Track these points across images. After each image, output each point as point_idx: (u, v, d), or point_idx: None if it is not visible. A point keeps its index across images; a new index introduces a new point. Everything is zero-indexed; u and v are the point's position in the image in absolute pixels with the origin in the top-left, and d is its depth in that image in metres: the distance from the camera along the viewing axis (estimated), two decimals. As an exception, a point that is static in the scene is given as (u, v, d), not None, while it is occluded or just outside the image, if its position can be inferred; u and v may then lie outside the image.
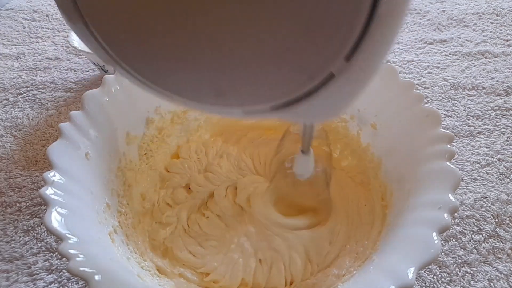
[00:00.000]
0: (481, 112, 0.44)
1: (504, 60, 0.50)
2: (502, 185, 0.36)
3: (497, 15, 0.58)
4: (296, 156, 0.27)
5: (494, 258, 0.31)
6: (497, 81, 0.47)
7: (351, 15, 0.12)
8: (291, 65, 0.13)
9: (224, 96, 0.15)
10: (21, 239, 0.33)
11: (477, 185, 0.36)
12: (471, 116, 0.43)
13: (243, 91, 0.14)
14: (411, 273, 0.20)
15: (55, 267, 0.31)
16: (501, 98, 0.45)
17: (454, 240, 0.32)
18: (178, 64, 0.14)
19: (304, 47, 0.12)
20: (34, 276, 0.31)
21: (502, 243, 0.32)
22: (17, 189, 0.37)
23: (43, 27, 0.62)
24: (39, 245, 0.33)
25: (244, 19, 0.12)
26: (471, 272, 0.31)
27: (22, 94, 0.48)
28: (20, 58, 0.55)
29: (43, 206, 0.36)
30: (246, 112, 0.16)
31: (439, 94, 0.46)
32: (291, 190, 0.32)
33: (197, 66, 0.13)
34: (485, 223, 0.34)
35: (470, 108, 0.44)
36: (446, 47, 0.53)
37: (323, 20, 0.12)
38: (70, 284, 0.30)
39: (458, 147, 0.40)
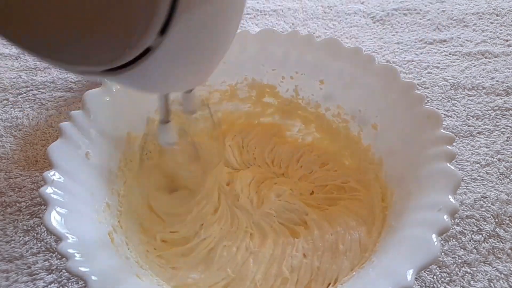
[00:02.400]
0: (481, 112, 0.44)
1: (504, 60, 0.50)
2: (502, 185, 0.36)
3: (497, 15, 0.58)
4: (158, 124, 0.29)
5: (494, 258, 0.31)
6: (497, 81, 0.47)
7: None
8: (112, 34, 0.15)
9: (59, 53, 0.16)
10: (21, 239, 0.33)
11: (477, 185, 0.36)
12: (471, 116, 0.43)
13: (74, 49, 0.16)
14: (410, 275, 0.20)
15: (55, 267, 0.31)
16: (501, 98, 0.45)
17: (454, 240, 0.32)
18: (25, 17, 0.15)
19: (120, 18, 0.14)
20: (34, 276, 0.31)
21: (502, 243, 0.32)
22: (17, 189, 0.37)
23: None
24: (39, 245, 0.33)
25: None
26: (471, 272, 0.31)
27: (22, 94, 0.48)
28: (20, 58, 0.55)
29: (43, 206, 0.36)
30: (81, 71, 0.18)
31: (439, 94, 0.46)
32: (164, 164, 0.33)
33: (36, 21, 0.15)
34: (485, 223, 0.34)
35: (470, 108, 0.44)
36: (446, 47, 0.53)
37: None
38: (70, 284, 0.30)
39: (458, 147, 0.40)
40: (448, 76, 0.49)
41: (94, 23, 0.15)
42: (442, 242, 0.32)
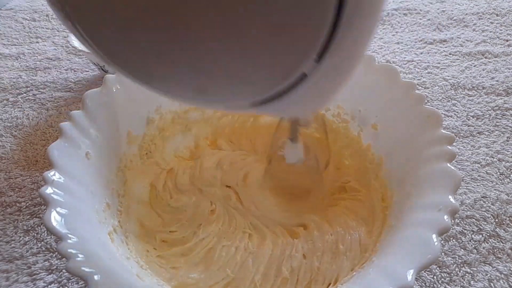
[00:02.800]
0: (481, 112, 0.44)
1: (504, 60, 0.50)
2: (502, 185, 0.36)
3: (497, 15, 0.58)
4: (286, 143, 0.29)
5: (494, 258, 0.31)
6: (497, 81, 0.47)
7: (317, 18, 0.13)
8: (265, 66, 0.14)
9: (205, 94, 0.16)
10: (21, 239, 0.33)
11: (477, 185, 0.36)
12: (471, 116, 0.43)
13: (222, 89, 0.16)
14: (410, 275, 0.20)
15: (55, 267, 0.31)
16: (501, 98, 0.45)
17: (454, 240, 0.32)
18: (161, 64, 0.15)
19: (275, 49, 0.14)
20: (34, 276, 0.31)
21: (502, 243, 0.32)
22: (17, 189, 0.37)
23: (43, 27, 0.62)
24: (39, 245, 0.33)
25: (220, 22, 0.13)
26: (471, 272, 0.31)
27: (22, 94, 0.48)
28: (20, 58, 0.55)
29: (43, 206, 0.36)
30: (227, 106, 0.17)
31: (439, 94, 0.46)
32: (285, 175, 0.34)
33: (178, 66, 0.14)
34: (485, 223, 0.34)
35: (470, 108, 0.44)
36: (446, 47, 0.53)
37: (291, 23, 0.13)
38: (70, 284, 0.30)
39: (458, 147, 0.40)
40: (448, 76, 0.49)
41: (248, 53, 0.14)
42: (442, 242, 0.32)
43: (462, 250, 0.32)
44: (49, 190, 0.24)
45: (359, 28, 0.15)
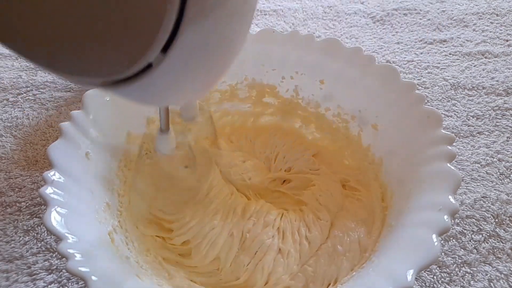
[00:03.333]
0: (481, 112, 0.44)
1: (504, 60, 0.50)
2: (502, 185, 0.36)
3: (497, 15, 0.58)
4: (157, 132, 0.29)
5: (494, 258, 0.31)
6: (497, 81, 0.47)
7: (160, 10, 0.13)
8: (114, 48, 0.15)
9: (56, 61, 0.16)
10: (21, 239, 0.33)
11: (477, 185, 0.36)
12: (471, 116, 0.43)
13: (73, 59, 0.16)
14: (410, 275, 0.20)
15: (55, 267, 0.31)
16: (501, 98, 0.45)
17: (454, 240, 0.32)
18: (26, 25, 0.15)
19: (123, 34, 0.14)
20: (34, 276, 0.31)
21: (502, 243, 0.32)
22: (17, 189, 0.37)
23: (43, 27, 0.62)
24: (39, 245, 0.33)
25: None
26: (471, 272, 0.31)
27: (22, 94, 0.48)
28: (20, 58, 0.55)
29: (43, 206, 0.36)
30: (78, 81, 0.17)
31: (439, 94, 0.46)
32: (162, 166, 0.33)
33: (33, 32, 0.15)
34: (485, 223, 0.34)
35: (470, 108, 0.44)
36: (446, 47, 0.53)
37: (137, 10, 0.14)
38: (70, 284, 0.30)
39: (458, 147, 0.40)
40: (448, 76, 0.49)
41: (97, 36, 0.15)
42: (442, 242, 0.32)
43: (462, 250, 0.32)
44: (49, 190, 0.24)
45: (207, 25, 0.15)
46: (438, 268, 0.31)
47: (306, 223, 0.32)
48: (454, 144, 0.29)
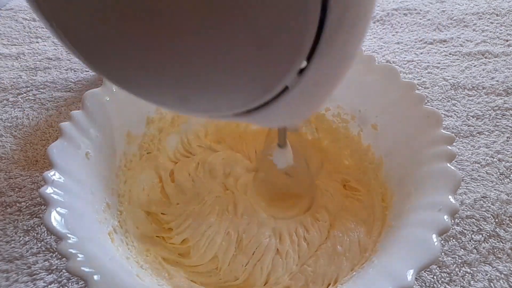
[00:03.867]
0: (481, 112, 0.44)
1: (504, 60, 0.50)
2: (502, 185, 0.36)
3: (497, 15, 0.58)
4: (275, 149, 0.29)
5: (494, 258, 0.31)
6: (497, 81, 0.47)
7: (299, 33, 0.13)
8: (248, 79, 0.14)
9: (188, 103, 0.16)
10: (21, 239, 0.33)
11: (477, 185, 0.36)
12: (471, 116, 0.43)
13: (205, 99, 0.16)
14: (410, 275, 0.20)
15: (55, 267, 0.31)
16: (501, 98, 0.45)
17: (454, 240, 0.32)
18: (143, 71, 0.15)
19: (258, 62, 0.14)
20: (34, 276, 0.31)
21: (502, 243, 0.32)
22: (17, 189, 0.37)
23: (43, 27, 0.62)
24: (39, 245, 0.33)
25: (203, 33, 0.13)
26: (471, 272, 0.31)
27: (22, 94, 0.48)
28: (20, 58, 0.55)
29: (43, 206, 0.36)
30: (210, 116, 0.17)
31: (439, 94, 0.46)
32: (275, 179, 0.34)
33: (160, 73, 0.14)
34: (485, 223, 0.34)
35: (470, 108, 0.44)
36: (446, 47, 0.53)
37: (274, 36, 0.13)
38: (70, 284, 0.30)
39: (458, 147, 0.40)
40: (448, 76, 0.49)
41: (230, 70, 0.14)
42: (442, 242, 0.32)
43: (462, 250, 0.32)
44: (49, 190, 0.24)
45: (343, 42, 0.14)
46: (438, 268, 0.31)
47: (304, 224, 0.32)
48: (454, 144, 0.29)
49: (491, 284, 0.30)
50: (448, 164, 0.26)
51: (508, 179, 0.37)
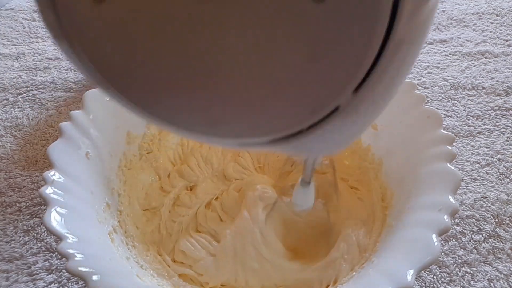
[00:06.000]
0: (481, 112, 0.44)
1: (504, 60, 0.50)
2: (502, 185, 0.36)
3: (497, 15, 0.58)
4: (296, 185, 0.26)
5: (494, 258, 0.31)
6: (497, 81, 0.47)
7: (363, 45, 0.11)
8: (294, 98, 0.12)
9: (219, 126, 0.13)
10: (21, 239, 0.33)
11: (477, 185, 0.36)
12: (471, 116, 0.43)
13: (239, 122, 0.13)
14: (410, 275, 0.20)
15: (55, 267, 0.31)
16: (501, 98, 0.45)
17: (454, 240, 0.32)
18: (170, 90, 0.13)
19: (309, 80, 0.11)
20: (34, 276, 0.31)
21: (502, 243, 0.32)
22: (17, 189, 0.37)
23: (43, 27, 0.62)
24: (39, 245, 0.33)
25: (245, 47, 0.11)
26: (471, 272, 0.31)
27: (22, 94, 0.48)
28: (20, 58, 0.55)
29: (43, 206, 0.36)
30: (241, 144, 0.14)
31: (439, 94, 0.46)
32: (292, 217, 0.31)
33: (190, 92, 0.12)
34: (485, 223, 0.34)
35: (470, 108, 0.44)
36: (446, 47, 0.53)
37: (331, 49, 0.11)
38: (70, 284, 0.30)
39: (458, 147, 0.40)
40: (448, 76, 0.49)
41: (277, 88, 0.12)
42: (442, 242, 0.32)
43: (462, 250, 0.32)
44: (49, 190, 0.24)
45: (404, 57, 0.12)
46: (438, 268, 0.31)
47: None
48: (454, 144, 0.29)
49: (491, 284, 0.30)
50: (448, 164, 0.25)
51: (508, 179, 0.37)
